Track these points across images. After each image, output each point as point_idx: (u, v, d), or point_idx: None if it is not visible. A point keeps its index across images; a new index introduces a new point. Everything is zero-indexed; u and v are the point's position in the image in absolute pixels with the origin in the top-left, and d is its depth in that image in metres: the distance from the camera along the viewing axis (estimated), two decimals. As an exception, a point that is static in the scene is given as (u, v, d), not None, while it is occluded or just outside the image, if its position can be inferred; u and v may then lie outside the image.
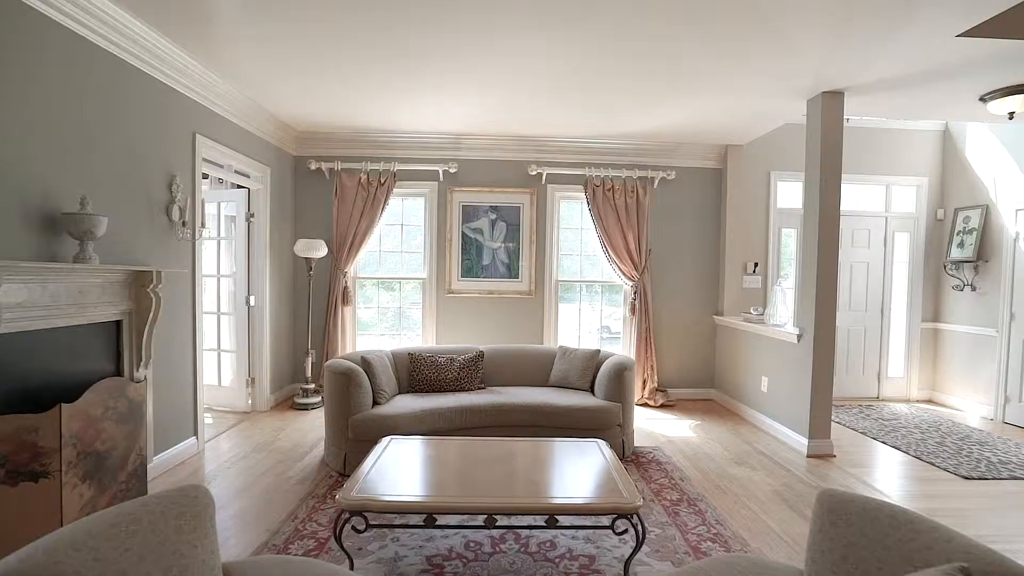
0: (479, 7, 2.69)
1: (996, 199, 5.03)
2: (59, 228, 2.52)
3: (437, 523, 2.13)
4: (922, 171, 5.63)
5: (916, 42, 2.99)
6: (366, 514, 2.12)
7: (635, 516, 2.10)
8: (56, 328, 2.51)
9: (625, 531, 2.23)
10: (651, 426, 4.54)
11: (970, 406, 5.20)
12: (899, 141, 5.60)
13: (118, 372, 2.93)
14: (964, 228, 5.32)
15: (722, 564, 1.59)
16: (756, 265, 5.50)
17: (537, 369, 4.15)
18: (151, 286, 2.97)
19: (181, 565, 1.27)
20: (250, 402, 4.76)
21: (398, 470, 2.41)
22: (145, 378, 3.02)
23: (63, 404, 2.29)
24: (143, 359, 3.02)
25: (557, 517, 2.12)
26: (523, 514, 2.08)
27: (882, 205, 5.69)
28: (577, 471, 2.44)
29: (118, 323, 2.92)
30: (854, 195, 5.66)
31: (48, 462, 2.25)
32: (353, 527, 2.16)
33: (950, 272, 5.46)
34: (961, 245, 5.32)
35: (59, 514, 2.27)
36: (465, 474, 2.36)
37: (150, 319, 2.99)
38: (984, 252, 5.12)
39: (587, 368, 3.98)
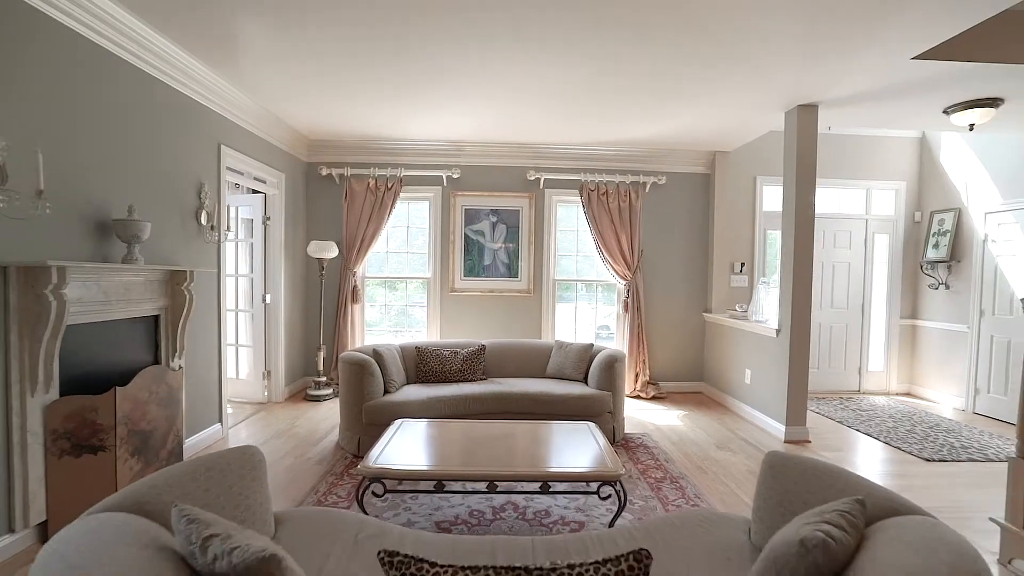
0: (481, 33, 3.01)
1: (967, 203, 5.34)
2: (109, 232, 2.84)
3: (445, 489, 2.44)
4: (900, 176, 5.94)
5: (875, 64, 3.30)
6: (384, 481, 2.44)
7: (618, 483, 2.42)
8: (106, 321, 2.83)
9: (609, 496, 2.54)
10: (642, 416, 4.85)
11: (944, 398, 5.51)
12: (878, 147, 5.91)
13: (155, 362, 3.25)
14: (939, 230, 5.63)
15: (686, 515, 1.91)
16: (743, 265, 5.81)
17: (535, 362, 4.47)
18: (185, 284, 3.29)
19: (245, 504, 1.59)
20: (266, 394, 5.08)
21: (410, 446, 2.72)
22: (180, 367, 3.34)
23: (117, 387, 2.61)
24: (177, 350, 3.34)
25: (550, 484, 2.43)
26: (520, 480, 2.39)
27: (863, 208, 6.00)
28: (569, 447, 2.75)
29: (156, 318, 3.24)
30: (836, 198, 5.98)
31: (105, 438, 2.57)
32: (373, 492, 2.47)
33: (926, 272, 5.77)
34: (936, 246, 5.63)
35: (114, 483, 2.59)
36: (469, 449, 2.68)
37: (184, 314, 3.31)
38: (957, 253, 5.43)
39: (581, 360, 4.30)
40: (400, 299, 6.02)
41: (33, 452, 2.34)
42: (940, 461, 3.76)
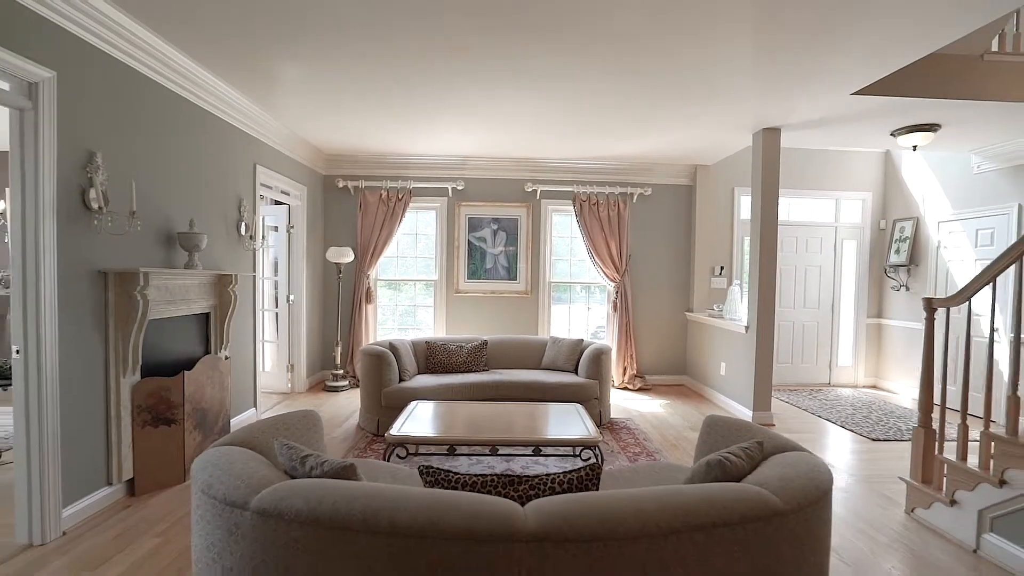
0: (482, 75, 3.57)
1: (924, 213, 5.89)
2: (174, 243, 3.40)
3: (456, 452, 2.99)
4: (867, 187, 6.49)
5: (821, 98, 3.86)
6: (406, 446, 2.99)
7: (596, 447, 2.97)
8: (170, 318, 3.38)
9: (590, 458, 3.09)
10: (627, 404, 5.40)
11: (904, 389, 6.05)
12: (847, 161, 6.46)
13: (207, 352, 3.80)
14: (900, 237, 6.18)
15: (645, 464, 2.46)
16: (722, 268, 6.36)
17: (532, 355, 5.02)
18: (231, 286, 3.85)
19: (311, 448, 2.14)
20: (289, 385, 5.64)
21: (426, 420, 3.27)
22: (227, 357, 3.89)
23: (185, 372, 3.17)
24: (224, 343, 3.89)
25: (541, 449, 2.98)
26: (517, 445, 2.93)
27: (832, 216, 6.55)
28: (558, 421, 3.30)
29: (207, 315, 3.79)
30: (808, 208, 6.53)
31: (176, 413, 3.12)
32: (397, 455, 3.02)
33: (889, 275, 6.32)
34: (898, 251, 6.18)
35: (183, 450, 3.15)
36: (475, 422, 3.23)
37: (230, 312, 3.87)
38: (915, 257, 5.99)
39: (572, 353, 4.85)
40: (407, 300, 6.58)
41: (124, 422, 2.89)
42: (884, 440, 4.31)
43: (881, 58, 3.23)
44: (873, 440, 4.33)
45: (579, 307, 6.59)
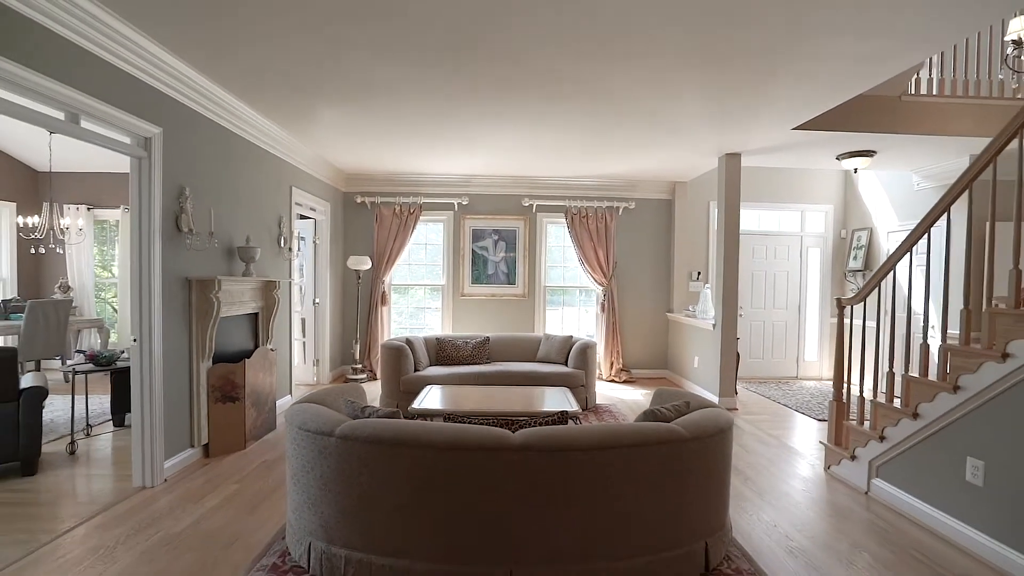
0: (487, 115, 4.33)
1: (876, 224, 6.64)
2: (234, 255, 4.16)
3: (468, 422, 3.74)
4: (829, 200, 7.24)
5: (768, 132, 4.62)
6: (426, 417, 3.74)
7: (577, 419, 3.71)
8: (231, 316, 4.14)
9: (571, 428, 3.83)
10: (613, 393, 6.15)
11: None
12: (811, 177, 7.21)
13: (256, 346, 4.56)
14: (857, 245, 6.93)
15: (614, 424, 3.20)
16: (699, 273, 7.11)
17: (528, 349, 5.77)
18: (275, 291, 4.61)
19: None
20: (315, 378, 6.39)
21: (440, 399, 4.02)
22: (273, 349, 4.65)
23: (246, 360, 3.92)
24: (269, 338, 4.65)
25: (534, 418, 3.72)
26: (514, 416, 3.67)
27: (798, 226, 7.30)
28: (547, 399, 4.05)
29: (256, 315, 4.55)
30: (777, 219, 7.28)
31: (239, 393, 3.88)
32: (418, 425, 3.78)
33: (848, 279, 7.06)
34: (855, 258, 6.92)
35: (243, 423, 3.90)
36: (480, 400, 3.98)
37: (274, 312, 4.63)
38: (870, 263, 6.73)
39: (563, 348, 5.60)
40: (417, 302, 7.34)
41: (202, 398, 3.65)
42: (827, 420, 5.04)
43: (809, 102, 3.98)
44: (819, 420, 5.07)
45: (572, 309, 7.34)
